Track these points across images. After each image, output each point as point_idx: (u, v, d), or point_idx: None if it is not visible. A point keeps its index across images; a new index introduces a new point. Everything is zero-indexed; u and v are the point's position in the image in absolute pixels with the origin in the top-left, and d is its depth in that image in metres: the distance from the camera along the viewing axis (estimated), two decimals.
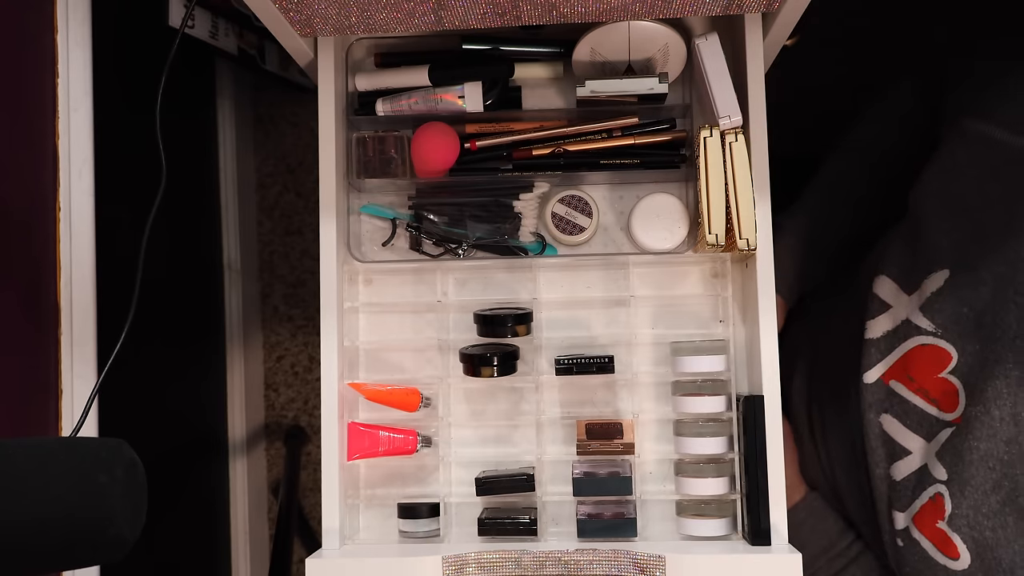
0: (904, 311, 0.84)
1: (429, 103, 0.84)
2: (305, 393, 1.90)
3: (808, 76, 1.18)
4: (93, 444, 0.56)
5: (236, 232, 1.76)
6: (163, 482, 1.31)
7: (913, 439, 0.82)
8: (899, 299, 0.85)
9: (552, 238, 0.87)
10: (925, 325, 0.82)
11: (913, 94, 1.02)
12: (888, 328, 0.85)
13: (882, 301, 0.87)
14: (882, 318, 0.86)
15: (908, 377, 0.82)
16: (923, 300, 0.82)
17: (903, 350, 0.83)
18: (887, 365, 0.85)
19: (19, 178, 0.90)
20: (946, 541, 0.77)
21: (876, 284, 0.87)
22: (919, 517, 0.79)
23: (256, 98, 1.92)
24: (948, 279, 0.80)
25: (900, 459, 0.82)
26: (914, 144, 0.99)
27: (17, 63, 0.90)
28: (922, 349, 0.82)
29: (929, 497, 0.78)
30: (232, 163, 1.75)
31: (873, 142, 1.05)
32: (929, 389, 0.81)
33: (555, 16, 0.75)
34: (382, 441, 0.82)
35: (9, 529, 0.51)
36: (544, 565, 0.75)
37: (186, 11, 1.22)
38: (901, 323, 0.84)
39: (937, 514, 0.77)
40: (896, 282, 0.86)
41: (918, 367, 0.82)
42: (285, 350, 1.91)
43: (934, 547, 0.78)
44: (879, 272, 0.88)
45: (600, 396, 0.86)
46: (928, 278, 0.82)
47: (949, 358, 0.80)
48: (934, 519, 0.78)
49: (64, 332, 0.93)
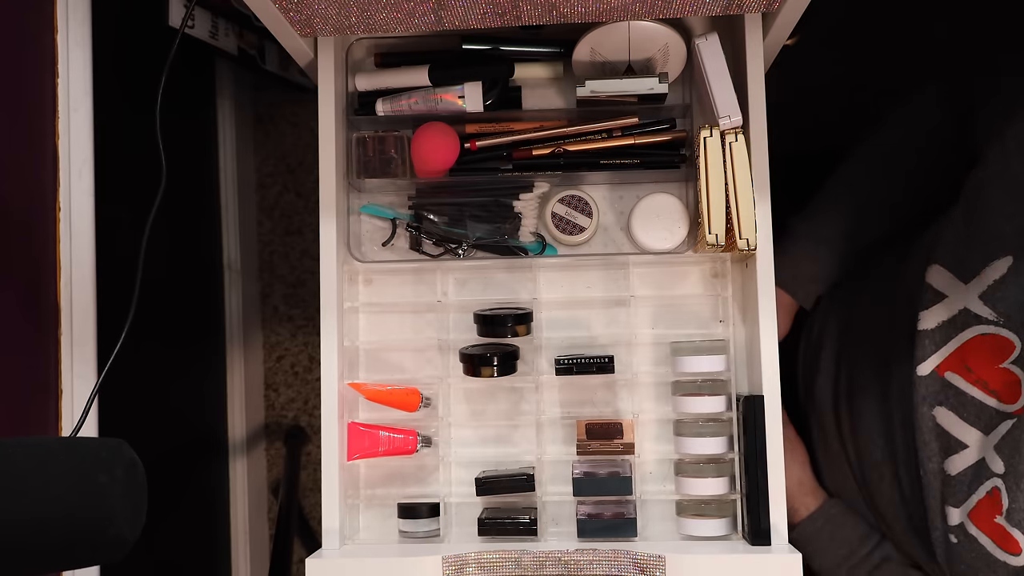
0: (961, 300, 0.81)
1: (429, 103, 0.84)
2: (305, 393, 1.90)
3: (808, 76, 1.17)
4: (93, 444, 0.56)
5: (236, 232, 1.76)
6: (163, 482, 1.31)
7: (970, 432, 0.79)
8: (955, 288, 0.82)
9: (552, 238, 0.87)
10: (986, 314, 0.79)
11: (939, 104, 1.00)
12: (944, 318, 0.83)
13: (936, 291, 0.84)
14: (937, 308, 0.83)
15: (966, 368, 0.80)
16: (983, 288, 0.79)
17: (960, 340, 0.81)
18: (942, 356, 0.82)
19: (19, 178, 0.90)
20: (1005, 536, 0.75)
21: (929, 274, 0.84)
22: (975, 512, 0.77)
23: (256, 98, 1.91)
24: (1011, 266, 0.78)
25: (955, 453, 0.80)
26: (944, 154, 0.98)
27: (17, 63, 0.90)
28: (982, 339, 0.79)
29: (986, 492, 0.76)
30: (232, 163, 1.75)
31: (898, 147, 1.03)
32: (988, 380, 0.79)
33: (555, 16, 0.75)
34: (382, 441, 0.82)
35: (9, 529, 0.51)
36: (544, 565, 0.75)
37: (186, 11, 1.22)
38: (958, 312, 0.81)
39: (995, 509, 0.76)
40: (951, 271, 0.83)
41: (977, 357, 0.79)
42: (285, 350, 1.91)
43: (992, 543, 0.76)
44: (932, 262, 0.85)
45: (600, 396, 0.86)
46: (989, 266, 0.79)
47: (1012, 347, 0.77)
48: (992, 514, 0.76)
49: (64, 332, 0.93)
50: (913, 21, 1.29)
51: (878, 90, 1.09)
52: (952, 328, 0.82)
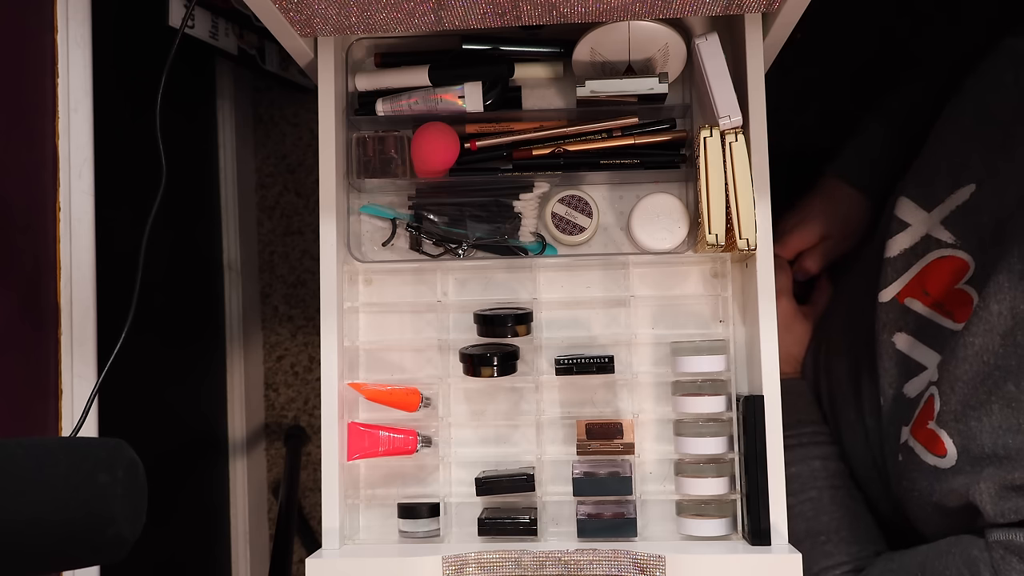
0: (924, 227, 0.83)
1: (429, 103, 0.84)
2: (305, 393, 1.90)
3: (808, 76, 1.17)
4: (93, 444, 0.56)
5: (236, 232, 1.76)
6: (163, 482, 1.31)
7: (929, 354, 0.80)
8: (918, 216, 0.84)
9: (552, 238, 0.87)
10: (945, 238, 0.81)
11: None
12: (906, 246, 0.85)
13: (900, 220, 0.86)
14: (901, 236, 0.85)
15: (924, 292, 0.82)
16: (946, 214, 0.81)
17: (920, 265, 0.83)
18: (903, 283, 0.84)
19: (19, 178, 0.90)
20: (934, 439, 0.75)
21: (897, 206, 0.87)
22: (915, 424, 0.78)
23: (256, 98, 1.92)
24: (973, 192, 0.79)
25: (915, 376, 0.81)
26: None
27: (17, 63, 0.90)
28: (939, 262, 0.81)
29: (924, 401, 0.77)
30: (232, 163, 1.75)
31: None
32: (945, 302, 0.80)
33: (555, 16, 0.75)
34: (382, 441, 0.82)
35: (9, 529, 0.51)
36: (544, 565, 0.75)
37: (186, 11, 1.22)
38: (920, 239, 0.83)
39: (928, 415, 0.76)
40: (916, 201, 0.85)
41: (934, 280, 0.81)
42: (285, 350, 1.91)
43: (925, 449, 0.76)
44: (899, 194, 0.87)
45: (600, 396, 0.86)
46: (954, 193, 0.81)
47: (966, 268, 0.79)
48: (926, 421, 0.76)
49: (64, 332, 0.93)
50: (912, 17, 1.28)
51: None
52: (913, 255, 0.84)
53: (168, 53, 0.78)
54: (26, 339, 0.90)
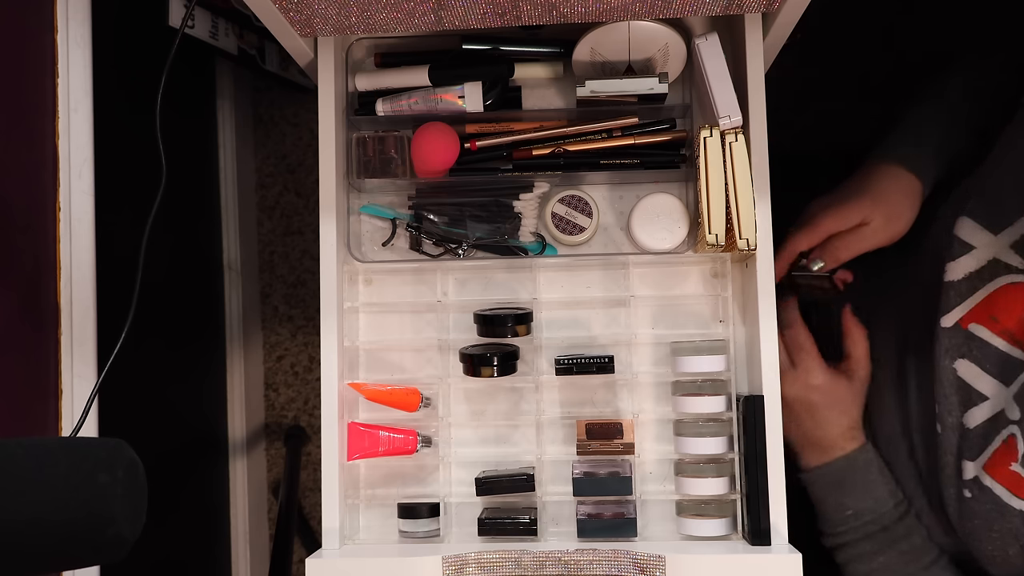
0: (991, 251, 0.80)
1: (429, 103, 0.84)
2: (305, 393, 1.90)
3: (808, 76, 1.17)
4: (93, 444, 0.56)
5: (236, 232, 1.76)
6: (163, 482, 1.31)
7: (991, 384, 0.78)
8: (982, 239, 0.81)
9: (552, 238, 0.87)
10: (1016, 263, 0.78)
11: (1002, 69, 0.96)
12: (971, 269, 0.81)
13: (963, 242, 0.82)
14: (964, 259, 0.81)
15: (992, 318, 0.79)
16: (1016, 238, 0.78)
17: (988, 290, 0.80)
18: (967, 308, 0.81)
19: (19, 178, 0.90)
20: (1020, 483, 0.73)
21: (957, 226, 0.83)
22: (991, 463, 0.76)
23: (256, 98, 1.92)
24: None
25: (975, 405, 0.78)
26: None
27: (17, 63, 0.90)
28: (1011, 288, 0.78)
29: (1002, 440, 0.75)
30: (232, 163, 1.75)
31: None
32: (1015, 331, 0.77)
33: (555, 16, 0.75)
34: (382, 441, 0.82)
35: (9, 529, 0.51)
36: (544, 565, 0.75)
37: (186, 11, 1.22)
38: (987, 263, 0.80)
39: (1011, 456, 0.74)
40: (980, 223, 0.81)
41: (1005, 307, 0.78)
42: (285, 350, 1.91)
43: (1007, 491, 0.75)
44: (960, 213, 0.83)
45: (600, 396, 0.86)
46: (1022, 217, 0.78)
47: None
48: (1007, 462, 0.74)
49: (64, 332, 0.93)
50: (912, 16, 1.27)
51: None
52: (979, 279, 0.80)
53: (168, 53, 0.78)
54: (26, 339, 0.90)
